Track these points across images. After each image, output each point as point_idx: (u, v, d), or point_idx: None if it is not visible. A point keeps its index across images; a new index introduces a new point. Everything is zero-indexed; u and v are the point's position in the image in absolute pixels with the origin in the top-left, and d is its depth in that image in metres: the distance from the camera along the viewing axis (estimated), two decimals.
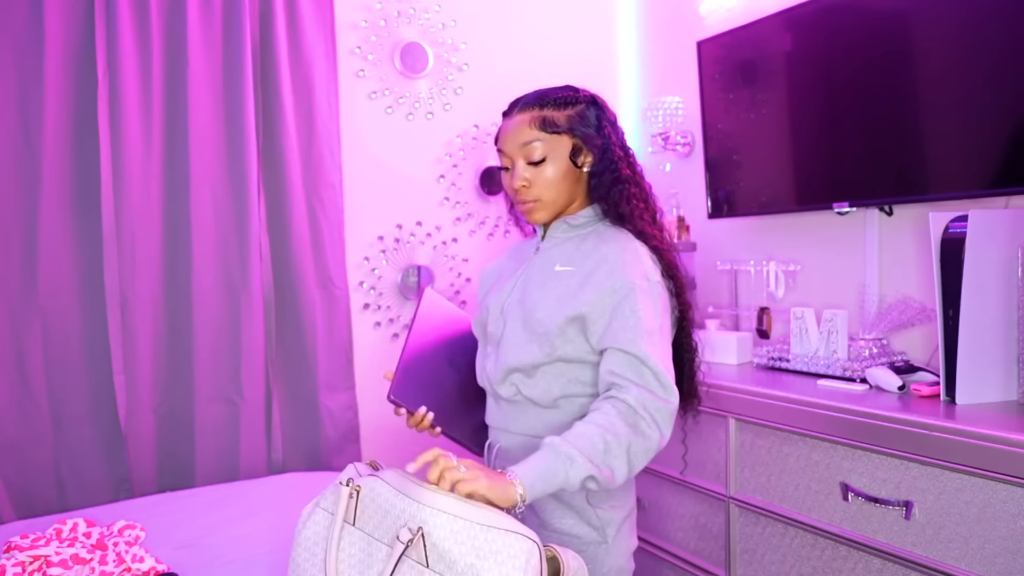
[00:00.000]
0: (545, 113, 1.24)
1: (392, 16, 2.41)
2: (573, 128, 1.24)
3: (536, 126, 1.23)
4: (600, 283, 1.18)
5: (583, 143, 1.24)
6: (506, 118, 1.29)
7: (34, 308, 1.90)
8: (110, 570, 1.41)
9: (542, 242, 1.33)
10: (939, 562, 1.36)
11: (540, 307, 1.22)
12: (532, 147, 1.23)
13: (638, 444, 1.06)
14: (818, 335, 1.87)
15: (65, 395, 1.94)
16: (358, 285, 2.39)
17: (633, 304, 1.15)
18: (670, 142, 2.56)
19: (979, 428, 1.30)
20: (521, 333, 1.23)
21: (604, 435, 1.04)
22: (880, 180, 1.87)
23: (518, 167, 1.24)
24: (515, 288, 1.30)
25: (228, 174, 2.13)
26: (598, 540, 1.23)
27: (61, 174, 1.93)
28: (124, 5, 1.96)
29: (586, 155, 1.25)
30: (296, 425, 2.26)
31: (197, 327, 2.08)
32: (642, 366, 1.11)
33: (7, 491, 1.87)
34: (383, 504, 1.01)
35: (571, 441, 1.04)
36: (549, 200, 1.25)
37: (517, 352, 1.23)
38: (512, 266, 1.39)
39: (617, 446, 1.05)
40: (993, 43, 1.59)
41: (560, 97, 1.26)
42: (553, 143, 1.23)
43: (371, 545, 1.00)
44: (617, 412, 1.07)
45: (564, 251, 1.28)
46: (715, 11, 2.46)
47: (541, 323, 1.21)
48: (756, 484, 1.73)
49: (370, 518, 1.02)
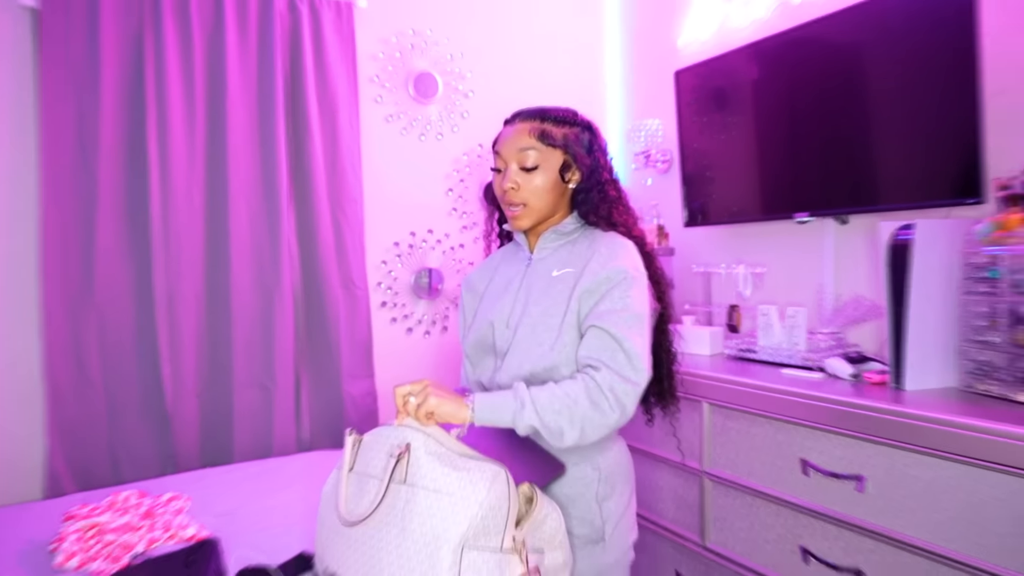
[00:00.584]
0: (544, 126, 1.20)
1: (406, 48, 2.41)
2: (567, 145, 1.19)
3: (534, 136, 1.19)
4: (595, 273, 1.13)
5: (573, 161, 1.20)
6: (507, 125, 1.24)
7: (91, 306, 1.90)
8: (158, 536, 1.41)
9: (532, 253, 1.25)
10: (888, 529, 1.36)
11: (549, 311, 1.15)
12: (527, 154, 1.18)
13: (595, 419, 1.03)
14: (781, 329, 1.87)
15: (118, 382, 1.94)
16: (376, 285, 2.39)
17: (625, 291, 1.10)
18: (651, 160, 2.56)
19: (923, 411, 1.30)
20: (532, 338, 1.15)
21: (565, 399, 1.02)
22: (836, 193, 1.86)
23: (511, 170, 1.19)
24: (517, 301, 1.22)
25: (262, 188, 2.13)
26: (594, 539, 1.15)
27: (115, 188, 1.93)
28: (171, 40, 1.95)
29: (574, 172, 1.21)
30: (322, 408, 2.26)
31: (235, 322, 2.08)
32: (618, 348, 1.06)
33: (68, 467, 1.87)
34: (377, 438, 1.01)
35: (532, 393, 1.03)
36: (534, 207, 1.19)
37: (531, 356, 1.15)
38: (502, 280, 1.28)
39: (572, 413, 1.02)
40: (934, 72, 1.59)
41: (560, 116, 1.22)
42: (546, 155, 1.19)
43: (362, 480, 0.99)
44: (584, 387, 1.04)
45: (559, 257, 1.22)
46: (690, 44, 2.46)
47: (551, 325, 1.14)
48: (727, 460, 1.73)
49: (364, 458, 1.02)
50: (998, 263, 1.37)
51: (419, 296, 2.46)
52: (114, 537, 1.38)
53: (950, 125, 1.57)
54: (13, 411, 1.86)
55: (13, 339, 1.86)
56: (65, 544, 1.34)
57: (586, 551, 1.15)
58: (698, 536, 1.81)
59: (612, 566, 1.18)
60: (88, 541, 1.36)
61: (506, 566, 0.89)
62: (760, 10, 2.18)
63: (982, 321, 1.41)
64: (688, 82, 2.30)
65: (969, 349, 1.44)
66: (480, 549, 0.88)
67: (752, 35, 2.18)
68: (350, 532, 0.97)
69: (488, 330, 1.23)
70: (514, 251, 1.32)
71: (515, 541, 0.90)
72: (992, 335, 1.39)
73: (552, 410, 1.01)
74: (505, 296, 1.24)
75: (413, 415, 0.99)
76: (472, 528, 0.87)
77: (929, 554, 1.29)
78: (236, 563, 1.28)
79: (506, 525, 0.89)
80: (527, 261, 1.26)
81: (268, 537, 1.43)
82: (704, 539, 1.79)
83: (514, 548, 0.90)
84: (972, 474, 1.22)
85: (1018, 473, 1.16)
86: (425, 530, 0.89)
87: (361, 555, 0.96)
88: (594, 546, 1.15)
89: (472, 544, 0.87)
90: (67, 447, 1.87)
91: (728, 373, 1.75)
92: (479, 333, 1.25)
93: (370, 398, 2.30)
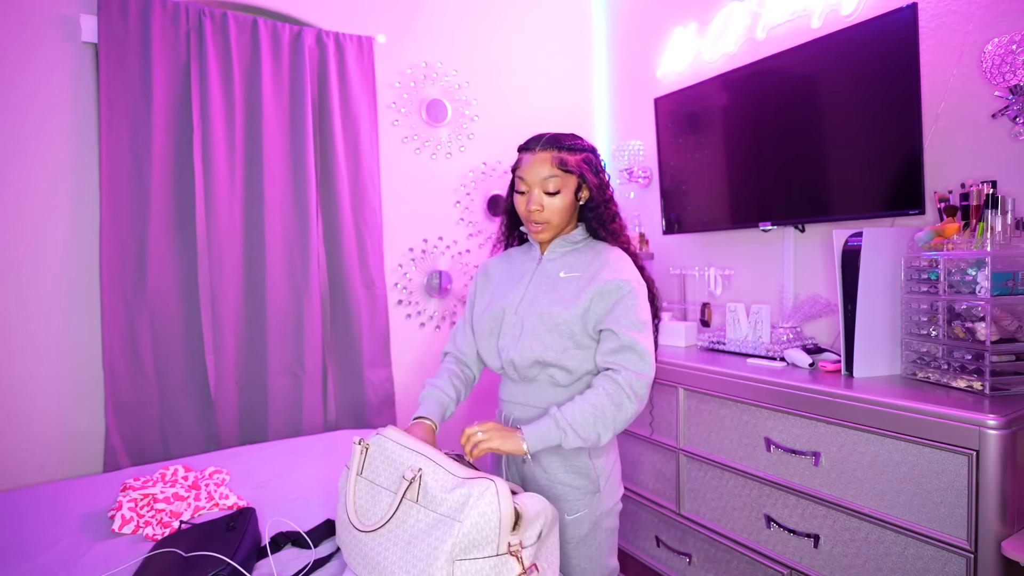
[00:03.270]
0: (563, 155, 1.21)
1: (420, 78, 2.41)
2: (580, 170, 1.22)
3: (556, 164, 1.20)
4: (606, 280, 1.17)
5: (585, 182, 1.23)
6: (527, 152, 1.24)
7: (144, 303, 1.90)
8: (203, 504, 1.42)
9: (542, 255, 1.29)
10: (841, 499, 1.36)
11: (557, 306, 1.18)
12: (549, 181, 1.20)
13: (620, 418, 1.12)
14: (747, 324, 1.87)
15: (168, 370, 1.94)
16: (393, 285, 2.39)
17: (632, 300, 1.16)
18: (633, 176, 2.56)
19: (871, 396, 1.30)
20: (540, 327, 1.19)
21: (594, 412, 1.10)
22: (795, 205, 1.87)
23: (535, 194, 1.21)
24: (526, 293, 1.25)
25: (293, 200, 2.13)
26: (593, 490, 1.21)
27: (165, 200, 1.93)
28: (214, 71, 1.96)
29: (584, 191, 1.24)
30: (346, 393, 2.26)
31: (270, 318, 2.08)
32: (631, 350, 1.13)
33: (123, 443, 1.87)
34: (389, 455, 1.04)
35: (568, 417, 1.10)
36: (555, 223, 1.23)
37: (540, 345, 1.19)
38: (512, 274, 1.32)
39: (603, 422, 1.11)
40: (881, 99, 1.60)
41: (573, 144, 1.23)
42: (565, 180, 1.21)
43: (374, 490, 1.02)
44: (607, 394, 1.11)
45: (566, 261, 1.25)
46: (668, 75, 2.46)
47: (559, 318, 1.17)
48: (699, 439, 1.73)
49: (375, 468, 1.04)
50: (937, 266, 1.37)
51: (431, 295, 2.46)
52: (164, 506, 1.39)
53: (895, 145, 1.58)
54: (76, 395, 1.87)
55: (76, 331, 1.87)
56: (122, 511, 1.34)
57: (586, 500, 1.21)
58: (675, 505, 1.81)
59: (608, 512, 1.25)
60: (141, 509, 1.37)
61: (502, 567, 0.90)
62: (729, 45, 2.18)
63: (923, 317, 1.41)
64: (666, 107, 2.31)
65: (911, 341, 1.45)
66: (473, 559, 0.89)
67: (722, 67, 2.18)
68: (357, 532, 0.99)
69: (499, 314, 1.27)
70: (527, 250, 1.35)
71: (510, 546, 0.90)
72: (931, 329, 1.39)
73: (586, 426, 1.10)
74: (517, 287, 1.28)
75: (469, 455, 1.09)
76: (458, 545, 0.88)
77: (876, 520, 1.29)
78: (270, 528, 1.28)
79: (499, 533, 0.90)
80: (538, 260, 1.29)
81: (298, 506, 1.43)
82: (680, 507, 1.80)
83: (510, 552, 0.90)
84: (913, 450, 1.23)
85: (952, 449, 1.16)
86: (424, 545, 0.91)
87: (363, 556, 0.98)
88: (592, 496, 1.22)
89: (463, 556, 0.89)
90: (123, 426, 1.87)
91: (701, 363, 1.76)
92: (491, 315, 1.28)
93: (388, 384, 2.30)
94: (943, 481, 1.18)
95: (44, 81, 1.81)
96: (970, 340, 1.31)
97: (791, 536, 1.47)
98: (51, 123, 1.82)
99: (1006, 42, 1.47)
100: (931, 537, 1.20)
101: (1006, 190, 1.43)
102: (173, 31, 1.91)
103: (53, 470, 1.83)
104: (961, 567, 1.16)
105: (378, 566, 0.95)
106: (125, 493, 1.42)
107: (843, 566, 1.36)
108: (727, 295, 2.18)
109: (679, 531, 1.81)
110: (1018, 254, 1.30)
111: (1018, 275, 1.29)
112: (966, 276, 1.31)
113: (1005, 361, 1.28)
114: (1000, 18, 1.50)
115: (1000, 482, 1.11)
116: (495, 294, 1.32)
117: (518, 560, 0.91)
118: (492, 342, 1.28)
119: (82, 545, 1.25)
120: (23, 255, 1.80)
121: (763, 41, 2.07)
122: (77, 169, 1.86)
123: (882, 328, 1.48)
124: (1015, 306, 1.29)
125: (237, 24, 2.00)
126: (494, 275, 1.36)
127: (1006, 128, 1.49)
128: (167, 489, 1.45)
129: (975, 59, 1.54)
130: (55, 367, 1.84)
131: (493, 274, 1.37)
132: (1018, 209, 1.39)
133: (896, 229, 1.49)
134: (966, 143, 1.56)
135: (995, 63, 1.49)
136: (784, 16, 2.00)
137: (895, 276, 1.47)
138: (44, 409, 1.83)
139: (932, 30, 1.62)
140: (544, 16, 2.70)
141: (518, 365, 1.22)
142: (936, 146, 1.60)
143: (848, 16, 1.80)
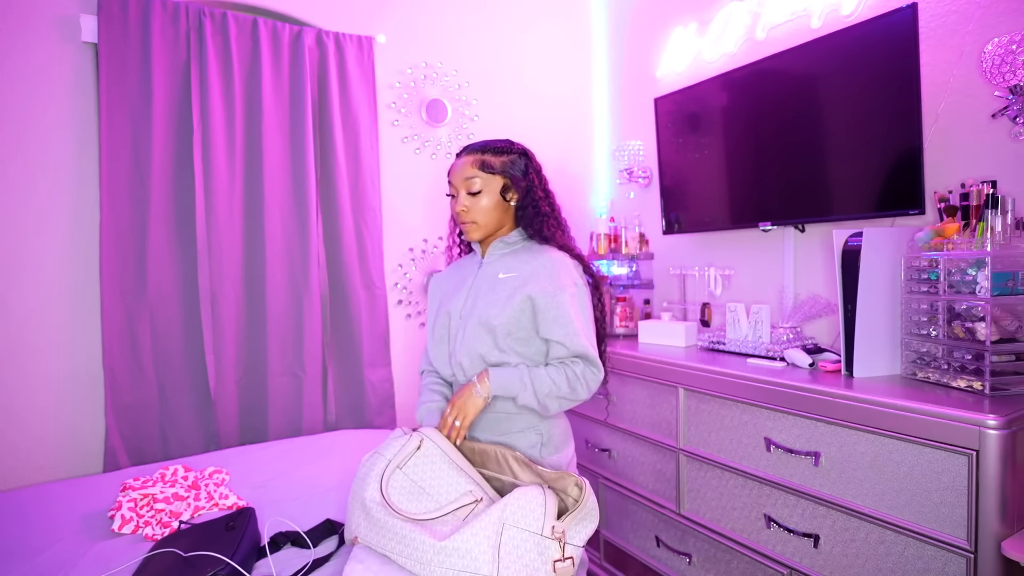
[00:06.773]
0: (485, 157, 1.29)
1: (420, 78, 2.41)
2: (505, 171, 1.29)
3: (477, 166, 1.28)
4: (542, 282, 1.24)
5: (511, 183, 1.30)
6: (458, 157, 1.33)
7: (144, 303, 1.90)
8: (202, 504, 1.42)
9: (483, 259, 1.35)
10: (840, 499, 1.36)
11: (494, 308, 1.25)
12: (472, 182, 1.29)
13: (571, 397, 1.23)
14: (747, 324, 1.87)
15: (168, 370, 1.94)
16: (393, 286, 2.39)
17: (567, 308, 1.22)
18: (633, 176, 2.56)
19: (871, 396, 1.30)
20: (480, 328, 1.25)
21: (553, 384, 1.21)
22: (795, 205, 1.87)
23: (461, 196, 1.30)
24: (468, 297, 1.32)
25: (293, 200, 2.13)
26: (542, 443, 1.28)
27: (165, 200, 1.93)
28: (214, 71, 1.96)
29: (513, 192, 1.31)
30: (346, 393, 2.26)
31: (270, 318, 2.08)
32: (583, 359, 1.23)
33: (123, 443, 1.87)
34: (440, 470, 1.12)
35: (534, 379, 1.21)
36: (482, 223, 1.30)
37: (481, 344, 1.26)
38: (458, 280, 1.38)
39: (557, 396, 1.22)
40: (881, 100, 1.60)
41: (498, 147, 1.31)
42: (488, 180, 1.29)
43: (416, 490, 1.09)
44: (566, 377, 1.22)
45: (504, 263, 1.32)
46: (668, 75, 2.46)
47: (495, 320, 1.24)
48: (700, 439, 1.73)
49: (421, 471, 1.11)
50: (937, 266, 1.37)
51: None
52: (164, 505, 1.39)
53: (894, 145, 1.58)
54: (77, 395, 1.87)
55: (77, 331, 1.87)
56: (121, 511, 1.34)
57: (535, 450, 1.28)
58: (675, 505, 1.81)
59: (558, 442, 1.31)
60: (141, 509, 1.37)
61: (545, 549, 0.96)
62: (729, 45, 2.18)
63: (923, 317, 1.41)
64: (666, 108, 2.31)
65: (911, 341, 1.45)
66: (521, 529, 0.97)
67: (722, 67, 2.18)
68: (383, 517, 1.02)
69: (446, 319, 1.33)
70: (472, 257, 1.42)
71: (555, 530, 0.97)
72: (931, 329, 1.39)
73: (543, 392, 1.21)
74: (460, 292, 1.34)
75: (455, 442, 1.19)
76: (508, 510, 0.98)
77: (876, 520, 1.29)
78: (270, 528, 1.28)
79: (544, 514, 0.97)
80: (479, 264, 1.36)
81: (298, 505, 1.43)
82: (680, 507, 1.80)
83: (554, 535, 0.97)
84: (913, 450, 1.23)
85: (952, 449, 1.16)
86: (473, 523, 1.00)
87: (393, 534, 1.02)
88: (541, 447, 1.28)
89: (511, 523, 0.97)
90: (123, 427, 1.87)
91: (701, 362, 1.75)
92: (440, 321, 1.35)
93: (387, 384, 2.30)
94: (943, 481, 1.18)
95: (44, 81, 1.81)
96: (970, 340, 1.30)
97: (791, 536, 1.47)
98: (51, 123, 1.82)
99: (1006, 42, 1.47)
100: (931, 537, 1.20)
101: (1006, 190, 1.43)
102: (173, 31, 1.91)
103: (53, 470, 1.83)
104: (961, 567, 1.16)
105: (412, 542, 0.99)
106: (125, 493, 1.42)
107: (843, 566, 1.36)
108: (727, 295, 2.17)
109: (679, 531, 1.81)
110: (1018, 254, 1.30)
111: (1018, 275, 1.29)
112: (966, 276, 1.31)
113: (1005, 361, 1.27)
114: (1000, 18, 1.50)
115: (1000, 482, 1.11)
116: (442, 301, 1.38)
117: (560, 545, 0.96)
118: (443, 348, 1.34)
119: (82, 545, 1.25)
120: (23, 255, 1.80)
121: (763, 41, 2.07)
122: (77, 169, 1.86)
123: (882, 328, 1.47)
124: (1015, 306, 1.29)
125: (237, 24, 2.00)
126: (443, 284, 1.43)
127: (1006, 128, 1.49)
128: (167, 489, 1.45)
129: (975, 59, 1.53)
130: (55, 367, 1.84)
131: (443, 283, 1.43)
132: (1018, 209, 1.39)
133: (896, 229, 1.49)
134: (966, 143, 1.56)
135: (995, 63, 1.49)
136: (784, 16, 2.00)
137: (895, 276, 1.47)
138: (44, 409, 1.83)
139: (932, 30, 1.62)
140: (544, 16, 2.70)
141: (466, 368, 1.28)
142: (936, 146, 1.60)
143: (848, 16, 1.80)
